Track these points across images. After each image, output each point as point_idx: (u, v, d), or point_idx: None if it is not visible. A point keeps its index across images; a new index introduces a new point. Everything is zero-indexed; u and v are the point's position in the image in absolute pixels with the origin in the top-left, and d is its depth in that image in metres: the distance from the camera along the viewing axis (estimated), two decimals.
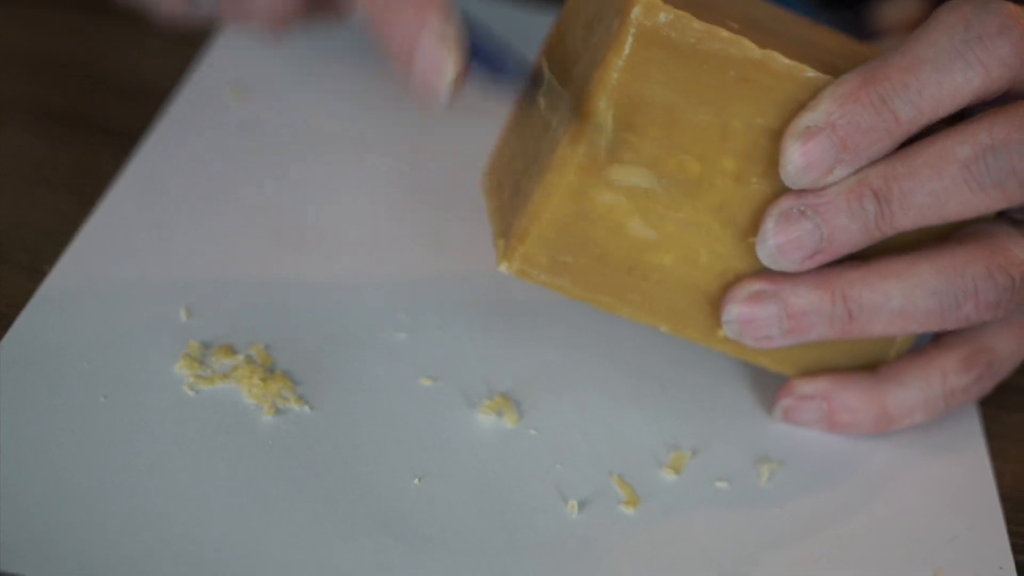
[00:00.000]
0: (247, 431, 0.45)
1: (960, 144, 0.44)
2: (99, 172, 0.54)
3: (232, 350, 0.48)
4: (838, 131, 0.44)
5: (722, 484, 0.48)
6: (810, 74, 0.45)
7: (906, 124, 0.44)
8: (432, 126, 0.61)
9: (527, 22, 0.68)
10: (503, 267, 0.47)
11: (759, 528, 0.46)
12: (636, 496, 0.46)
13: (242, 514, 0.43)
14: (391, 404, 0.48)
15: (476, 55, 0.45)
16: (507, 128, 0.52)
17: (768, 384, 0.51)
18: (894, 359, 0.50)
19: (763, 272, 0.47)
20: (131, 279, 0.50)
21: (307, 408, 0.47)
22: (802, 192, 0.45)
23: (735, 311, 0.47)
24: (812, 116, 0.44)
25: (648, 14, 0.43)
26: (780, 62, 0.44)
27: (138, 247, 0.51)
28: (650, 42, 0.44)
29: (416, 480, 0.45)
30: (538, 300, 0.52)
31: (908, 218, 0.45)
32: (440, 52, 0.44)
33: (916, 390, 0.49)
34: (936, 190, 0.44)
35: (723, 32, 0.44)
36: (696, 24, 0.44)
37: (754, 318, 0.47)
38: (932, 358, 0.49)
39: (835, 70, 0.45)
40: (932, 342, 0.50)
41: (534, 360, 0.50)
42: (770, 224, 0.45)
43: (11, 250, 0.50)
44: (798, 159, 0.44)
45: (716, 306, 0.48)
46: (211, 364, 0.47)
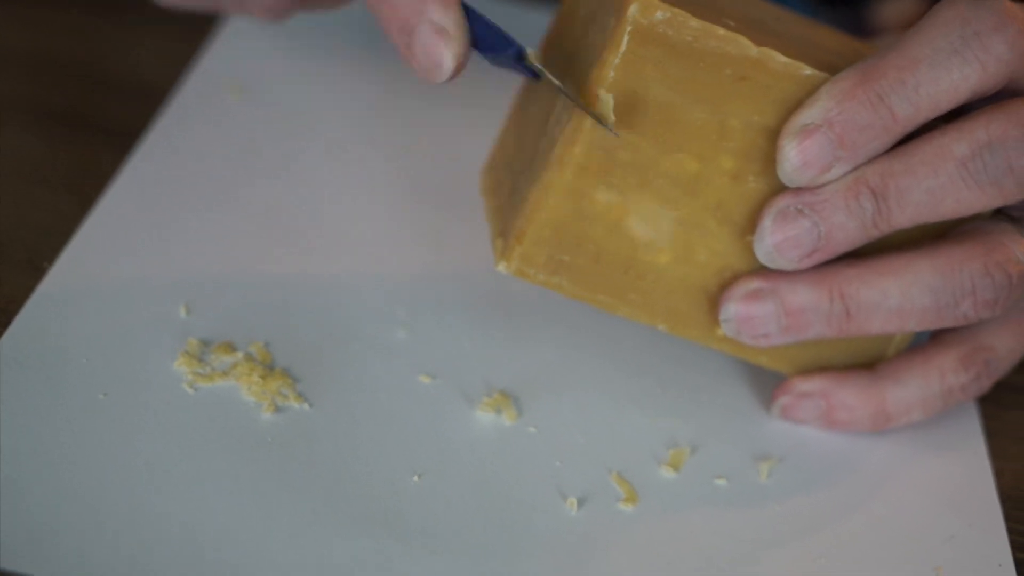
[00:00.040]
0: (246, 428, 0.45)
1: (957, 141, 0.44)
2: (99, 171, 0.54)
3: (231, 347, 0.48)
4: (835, 129, 0.44)
5: (721, 481, 0.48)
6: (807, 72, 0.45)
7: (903, 121, 0.44)
8: (432, 124, 0.61)
9: (526, 19, 0.68)
10: (501, 267, 0.47)
11: (758, 526, 0.46)
12: (635, 493, 0.46)
13: (241, 511, 0.43)
14: (390, 401, 0.48)
15: (477, 40, 0.45)
16: (505, 127, 0.52)
17: (767, 382, 0.51)
18: (892, 357, 0.50)
19: (760, 270, 0.47)
20: (130, 277, 0.50)
21: (306, 405, 0.47)
22: (799, 190, 0.45)
23: (732, 309, 0.47)
24: (809, 114, 0.44)
25: (645, 12, 0.43)
26: (777, 60, 0.44)
27: (137, 245, 0.51)
28: (646, 40, 0.44)
29: (415, 477, 0.45)
30: (537, 298, 0.52)
31: (905, 216, 0.45)
32: (439, 37, 0.44)
33: (914, 388, 0.49)
34: (933, 187, 0.44)
35: (720, 30, 0.44)
36: (693, 22, 0.44)
37: (751, 316, 0.47)
38: (930, 356, 0.49)
39: (832, 68, 0.45)
40: (930, 340, 0.50)
41: (533, 358, 0.50)
42: (767, 222, 0.45)
43: (11, 248, 0.50)
44: (795, 157, 0.44)
45: (714, 305, 0.48)
46: (210, 361, 0.47)
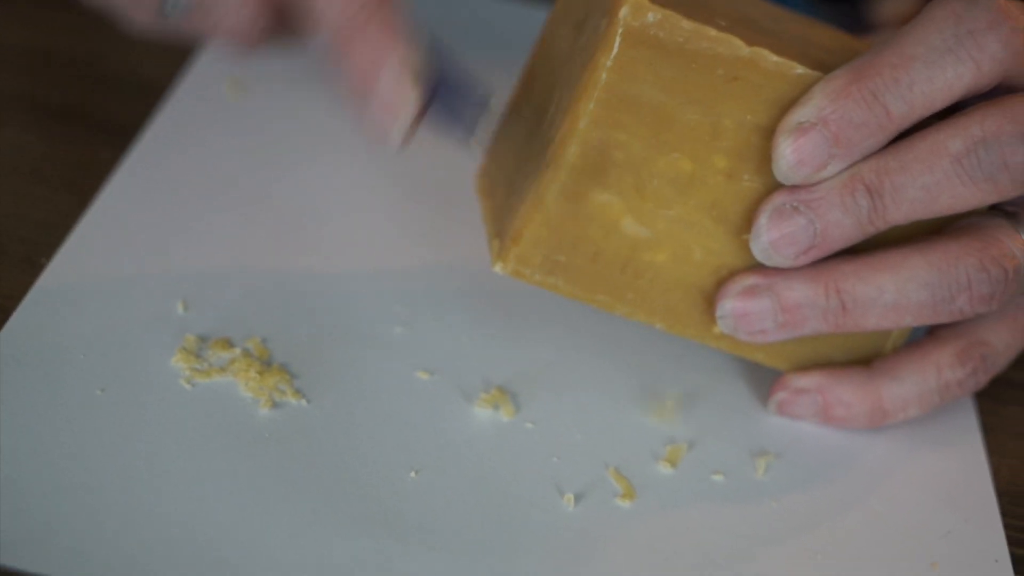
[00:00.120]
0: (244, 424, 0.45)
1: (952, 138, 0.44)
2: (97, 168, 0.54)
3: (229, 343, 0.48)
4: (830, 126, 0.44)
5: (718, 477, 0.48)
6: (799, 71, 0.44)
7: (898, 119, 0.44)
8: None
9: (522, 19, 0.68)
10: (498, 268, 0.47)
11: (755, 521, 0.46)
12: (632, 489, 0.46)
13: (238, 507, 0.43)
14: (388, 397, 0.48)
15: (438, 89, 0.44)
16: (501, 126, 0.52)
17: (763, 379, 0.51)
18: (889, 353, 0.50)
19: (756, 267, 0.47)
20: (128, 273, 0.50)
21: (304, 401, 0.47)
22: (795, 188, 0.45)
23: (729, 306, 0.47)
24: (804, 112, 0.44)
25: (636, 14, 0.43)
26: (769, 60, 0.44)
27: (135, 241, 0.51)
28: (638, 42, 0.44)
29: (413, 473, 0.45)
30: (535, 294, 0.52)
31: (901, 212, 0.45)
32: (399, 90, 0.43)
33: (911, 384, 0.49)
34: (928, 184, 0.44)
35: (711, 31, 0.44)
36: (684, 23, 0.43)
37: (748, 312, 0.47)
38: (927, 352, 0.49)
39: (826, 67, 0.45)
40: (927, 336, 0.49)
41: (531, 354, 0.50)
42: (763, 220, 0.45)
43: (9, 244, 0.50)
44: (790, 155, 0.44)
45: (711, 303, 0.48)
46: (208, 357, 0.47)
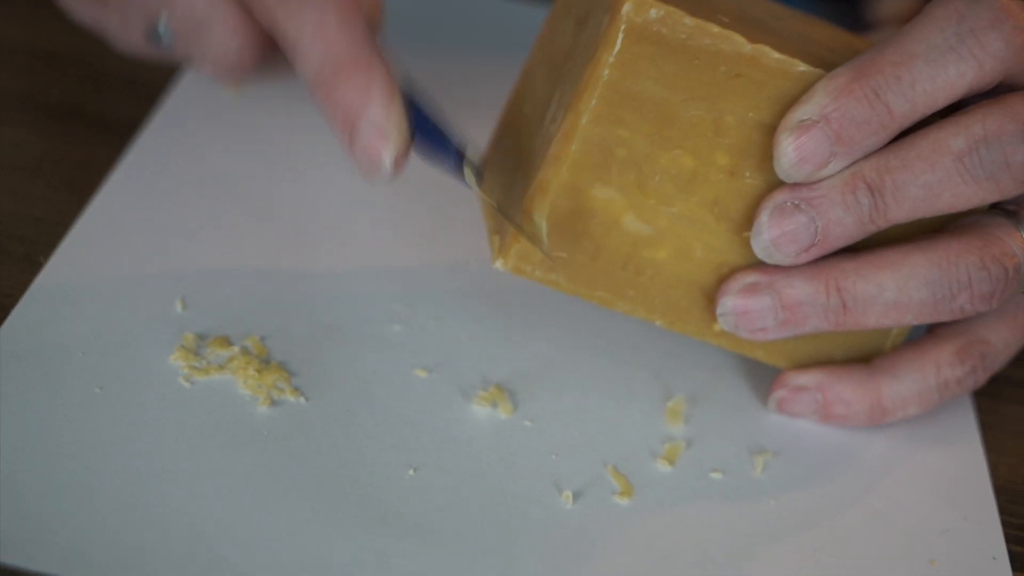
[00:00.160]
0: (242, 422, 0.45)
1: (953, 136, 0.44)
2: (95, 166, 0.54)
3: (227, 341, 0.48)
4: (832, 124, 0.44)
5: (716, 475, 0.48)
6: (801, 68, 0.44)
7: (900, 117, 0.44)
8: None
9: (521, 17, 0.68)
10: (498, 264, 0.47)
11: (753, 519, 0.46)
12: (630, 487, 0.46)
13: (237, 505, 0.43)
14: (386, 395, 0.47)
15: (419, 131, 0.45)
16: (500, 125, 0.52)
17: (762, 377, 0.51)
18: (889, 352, 0.50)
19: (757, 264, 0.47)
20: (127, 271, 0.50)
21: (302, 399, 0.47)
22: (796, 186, 0.45)
23: (730, 303, 0.47)
24: (805, 110, 0.44)
25: (638, 10, 0.43)
26: (771, 57, 0.44)
27: (134, 240, 0.51)
28: (640, 38, 0.44)
29: (411, 471, 0.45)
30: (533, 292, 0.52)
31: (902, 210, 0.45)
32: (382, 132, 0.44)
33: (910, 382, 0.49)
34: (930, 182, 0.44)
35: (713, 27, 0.44)
36: (686, 20, 0.43)
37: (748, 310, 0.47)
38: (926, 350, 0.49)
39: (828, 64, 0.45)
40: (926, 334, 0.49)
41: (529, 351, 0.50)
42: (764, 218, 0.45)
43: (7, 242, 0.50)
44: (792, 153, 0.44)
45: (711, 300, 0.48)
46: (206, 355, 0.47)
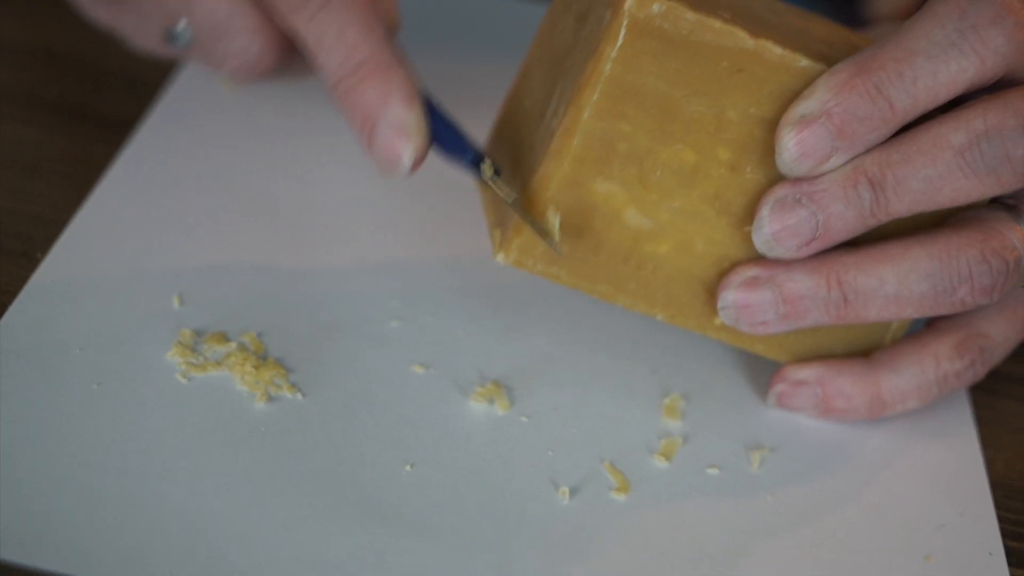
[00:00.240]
0: (240, 418, 0.45)
1: (954, 131, 0.44)
2: (94, 161, 0.54)
3: (225, 338, 0.48)
4: (834, 119, 0.44)
5: (713, 471, 0.48)
6: (803, 63, 0.44)
7: (901, 113, 0.44)
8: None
9: (520, 15, 0.68)
10: (500, 257, 0.47)
11: (750, 515, 0.46)
12: (627, 483, 0.46)
13: (234, 501, 0.43)
14: (383, 391, 0.48)
15: (437, 131, 0.46)
16: (500, 118, 0.52)
17: (760, 372, 0.51)
18: (889, 345, 0.50)
19: (758, 258, 0.47)
20: (124, 267, 0.50)
21: (299, 395, 0.47)
22: (797, 180, 0.45)
23: (731, 297, 0.47)
24: (807, 105, 0.44)
25: (641, 5, 0.43)
26: (773, 52, 0.44)
27: (131, 236, 0.51)
28: (643, 33, 0.44)
29: (408, 467, 0.45)
30: (531, 288, 0.52)
31: (903, 205, 0.45)
32: (401, 132, 0.45)
33: (909, 376, 0.49)
34: (930, 176, 0.44)
35: (716, 23, 0.44)
36: (689, 15, 0.43)
37: (749, 303, 0.47)
38: (925, 343, 0.49)
39: (829, 60, 0.45)
40: (925, 328, 0.49)
41: (526, 347, 0.50)
42: (766, 212, 0.45)
43: (5, 238, 0.50)
44: (794, 147, 0.44)
45: (712, 294, 0.48)
46: (203, 352, 0.47)
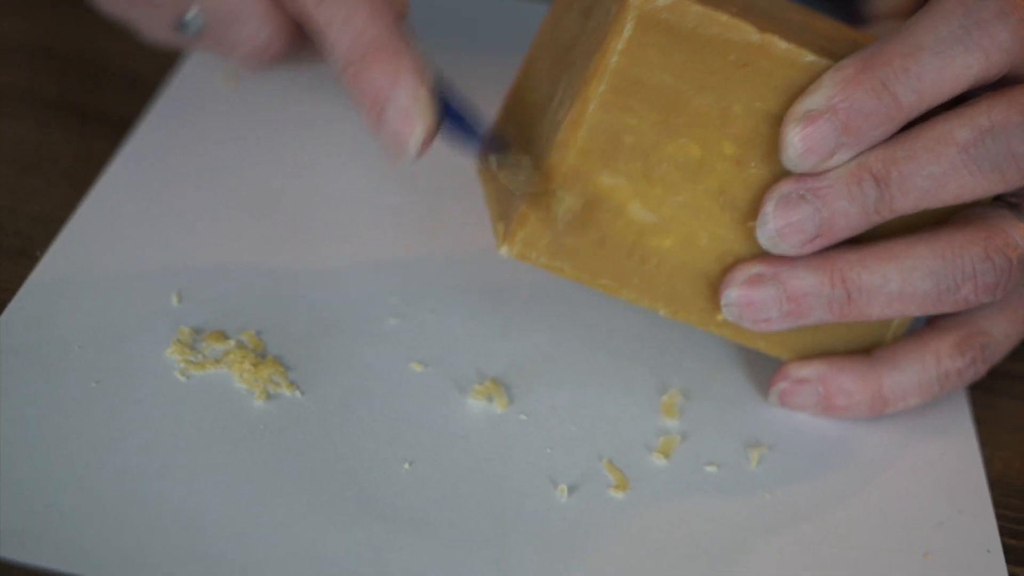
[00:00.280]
0: (238, 416, 0.45)
1: (959, 128, 0.44)
2: (93, 159, 0.54)
3: (223, 335, 0.48)
4: (839, 115, 0.44)
5: (711, 469, 0.48)
6: (809, 58, 0.44)
7: (907, 109, 0.44)
8: None
9: (520, 14, 0.68)
10: (503, 250, 0.46)
11: (748, 512, 0.46)
12: (626, 480, 0.46)
13: (233, 498, 0.43)
14: (382, 389, 0.48)
15: (446, 115, 0.45)
16: (504, 111, 0.52)
17: (758, 370, 0.51)
18: (890, 343, 0.50)
19: (762, 255, 0.47)
20: (123, 265, 0.50)
21: (298, 393, 0.47)
22: (802, 176, 0.45)
23: (734, 294, 0.47)
24: (813, 100, 0.44)
25: None
26: (779, 46, 0.44)
27: (130, 233, 0.51)
28: (649, 26, 0.43)
29: (406, 464, 0.45)
30: (529, 286, 0.52)
31: (907, 201, 0.45)
32: (410, 113, 0.44)
33: (911, 373, 0.49)
34: (935, 173, 0.44)
35: (722, 16, 0.44)
36: (695, 8, 0.43)
37: (753, 301, 0.47)
38: (927, 341, 0.49)
39: (833, 55, 0.45)
40: (926, 325, 0.49)
41: (525, 346, 0.50)
42: (770, 208, 0.45)
43: (3, 236, 0.50)
44: (799, 143, 0.44)
45: (715, 289, 0.47)
46: (202, 349, 0.47)
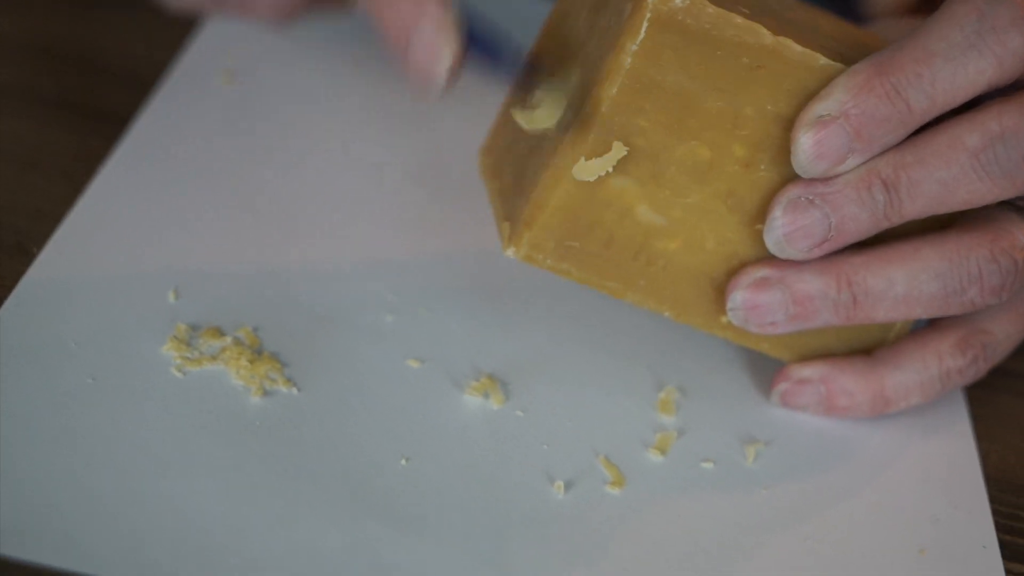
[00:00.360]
0: (235, 412, 0.45)
1: (969, 133, 0.44)
2: (89, 156, 0.54)
3: (220, 332, 0.48)
4: (851, 121, 0.44)
5: (708, 465, 0.48)
6: (822, 62, 0.44)
7: (919, 115, 0.44)
8: (422, 110, 0.60)
9: (521, 13, 0.68)
10: (510, 252, 0.46)
11: (744, 509, 0.46)
12: (622, 477, 0.46)
13: (230, 494, 0.43)
14: (378, 385, 0.47)
15: (473, 44, 0.45)
16: (506, 107, 0.51)
17: (756, 367, 0.51)
18: (892, 343, 0.50)
19: (768, 258, 0.47)
20: (119, 261, 0.49)
21: (295, 389, 0.47)
22: (811, 180, 0.45)
23: (740, 297, 0.47)
24: (825, 105, 0.44)
25: None
26: (793, 49, 0.44)
27: (127, 230, 0.51)
28: (665, 27, 0.43)
29: (403, 461, 0.45)
30: (526, 282, 0.52)
31: (917, 207, 0.45)
32: (436, 42, 0.44)
33: (912, 372, 0.49)
34: (945, 179, 0.44)
35: (737, 18, 0.43)
36: (711, 9, 0.43)
37: (759, 304, 0.46)
38: (928, 340, 0.49)
39: (844, 59, 0.44)
40: (928, 325, 0.49)
41: (521, 342, 0.50)
42: (778, 212, 0.45)
43: (1, 232, 0.50)
44: (810, 148, 0.44)
45: (720, 292, 0.47)
46: (199, 346, 0.47)
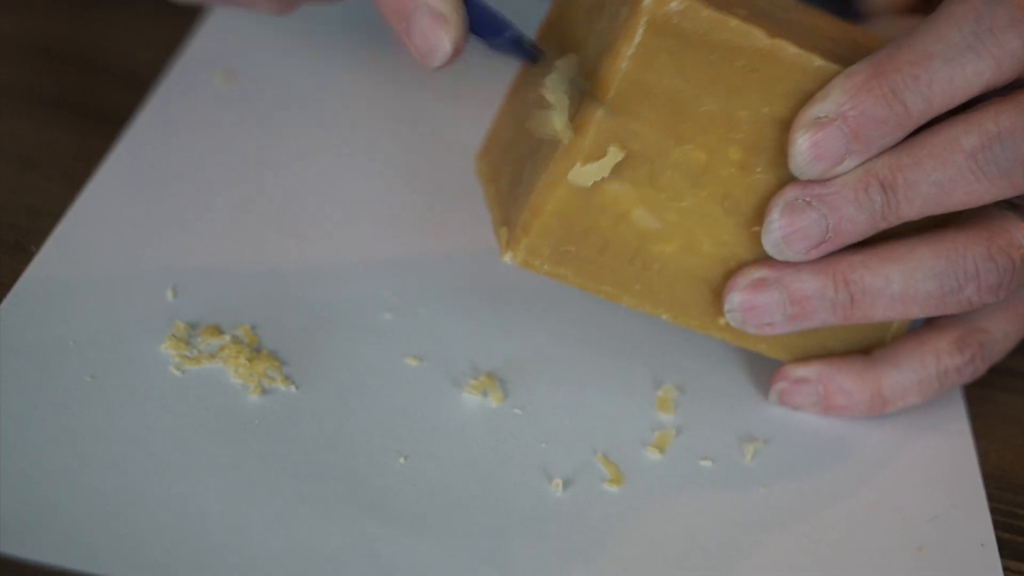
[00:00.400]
0: (233, 411, 0.45)
1: (966, 133, 0.44)
2: (88, 155, 0.54)
3: (218, 330, 0.48)
4: (849, 122, 0.43)
5: (706, 463, 0.48)
6: (818, 64, 0.44)
7: (916, 116, 0.44)
8: (421, 108, 0.60)
9: (521, 12, 0.68)
10: (507, 258, 0.46)
11: (743, 507, 0.46)
12: (620, 474, 0.46)
13: (228, 492, 0.43)
14: (377, 383, 0.47)
15: (474, 24, 0.45)
16: (503, 110, 0.51)
17: (753, 366, 0.51)
18: (890, 343, 0.49)
19: (765, 259, 0.47)
20: (118, 260, 0.49)
21: (293, 388, 0.47)
22: (808, 182, 0.45)
23: (737, 299, 0.47)
24: (822, 107, 0.44)
25: (659, 2, 0.43)
26: (788, 52, 0.44)
27: (125, 228, 0.51)
28: (661, 31, 0.43)
29: (401, 459, 0.45)
30: (524, 281, 0.52)
31: (914, 208, 0.45)
32: (437, 21, 0.44)
33: (910, 371, 0.49)
34: (942, 180, 0.44)
35: (733, 21, 0.43)
36: (706, 12, 0.43)
37: (756, 305, 0.46)
38: (926, 339, 0.49)
39: (841, 60, 0.44)
40: (926, 324, 0.49)
41: (520, 340, 0.50)
42: (775, 214, 0.45)
43: (0, 231, 0.51)
44: (808, 150, 0.44)
45: (717, 294, 0.47)
46: (197, 344, 0.47)
